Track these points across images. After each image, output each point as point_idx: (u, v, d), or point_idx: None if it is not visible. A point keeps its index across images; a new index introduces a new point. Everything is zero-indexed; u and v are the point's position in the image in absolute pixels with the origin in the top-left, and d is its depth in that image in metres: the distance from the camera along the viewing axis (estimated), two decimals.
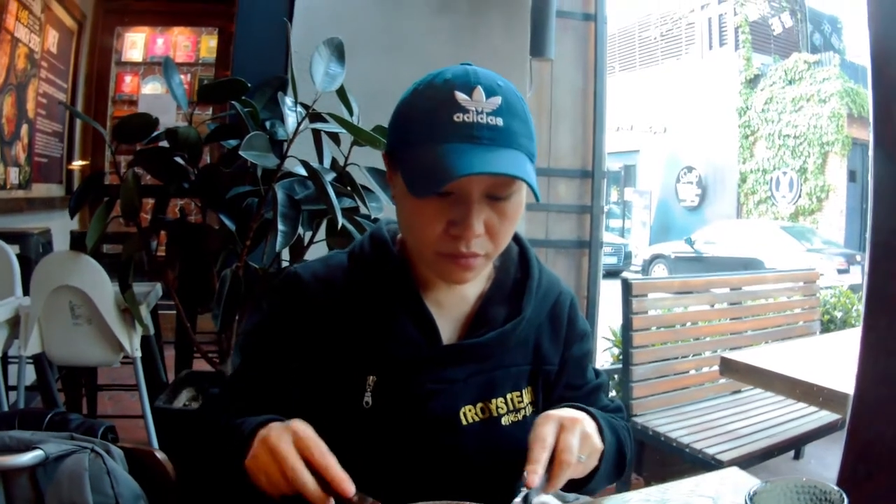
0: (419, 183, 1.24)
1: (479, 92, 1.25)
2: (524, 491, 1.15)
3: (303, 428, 1.19)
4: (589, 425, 1.30)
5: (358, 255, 1.49)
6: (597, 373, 1.67)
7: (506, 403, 1.46)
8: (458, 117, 1.23)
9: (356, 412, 1.37)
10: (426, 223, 1.29)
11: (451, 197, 1.27)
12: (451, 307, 1.49)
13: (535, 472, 1.17)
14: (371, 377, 1.39)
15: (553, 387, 1.55)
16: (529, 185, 1.23)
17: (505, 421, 1.45)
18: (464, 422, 1.41)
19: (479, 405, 1.44)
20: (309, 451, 1.15)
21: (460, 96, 1.24)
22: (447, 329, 1.46)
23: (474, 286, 1.51)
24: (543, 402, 1.52)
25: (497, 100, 1.26)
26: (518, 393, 1.49)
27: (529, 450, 1.21)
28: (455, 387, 1.42)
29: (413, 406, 1.38)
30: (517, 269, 1.55)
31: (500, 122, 1.24)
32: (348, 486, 1.13)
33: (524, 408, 1.48)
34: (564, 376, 1.56)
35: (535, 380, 1.52)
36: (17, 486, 1.35)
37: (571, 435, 1.23)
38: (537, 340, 1.53)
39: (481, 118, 1.23)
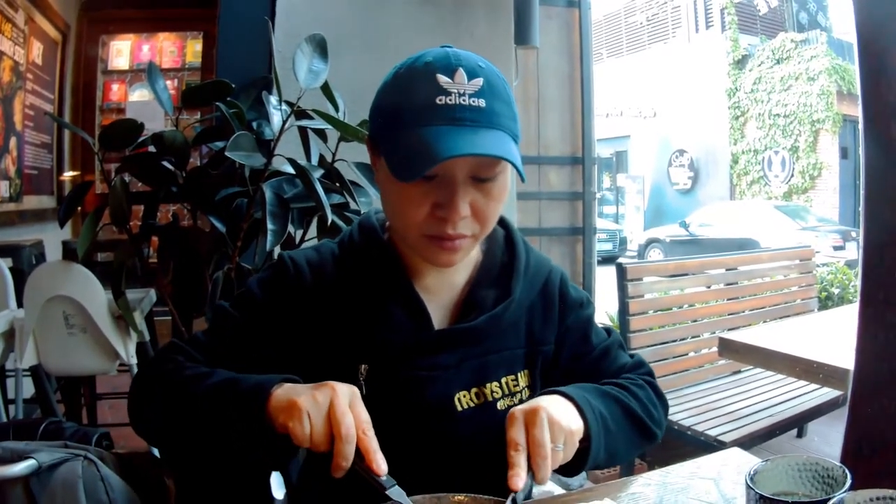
0: (403, 167, 1.24)
1: (461, 74, 1.24)
2: (511, 495, 1.16)
3: (359, 395, 1.20)
4: (556, 408, 1.27)
5: (347, 243, 1.49)
6: (608, 331, 1.66)
7: (500, 388, 1.46)
8: (441, 100, 1.23)
9: None
10: (411, 206, 1.29)
11: (435, 179, 1.27)
12: (441, 293, 1.49)
13: (517, 476, 1.17)
14: (363, 366, 1.39)
15: (554, 365, 1.55)
16: (514, 165, 1.23)
17: (500, 405, 1.44)
18: (458, 407, 1.41)
19: (474, 390, 1.44)
20: (361, 421, 1.16)
21: (442, 79, 1.24)
22: (437, 315, 1.46)
23: (462, 271, 1.51)
24: (549, 383, 1.49)
25: (479, 81, 1.25)
26: (513, 376, 1.49)
27: (507, 455, 1.20)
28: (448, 373, 1.42)
29: (407, 393, 1.39)
30: (504, 252, 1.55)
31: (482, 103, 1.24)
32: (383, 465, 1.15)
33: (520, 391, 1.48)
34: (566, 349, 1.56)
35: (531, 363, 1.52)
36: (12, 496, 1.34)
37: (538, 429, 1.21)
38: (529, 322, 1.53)
39: (463, 100, 1.23)
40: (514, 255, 1.54)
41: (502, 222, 1.58)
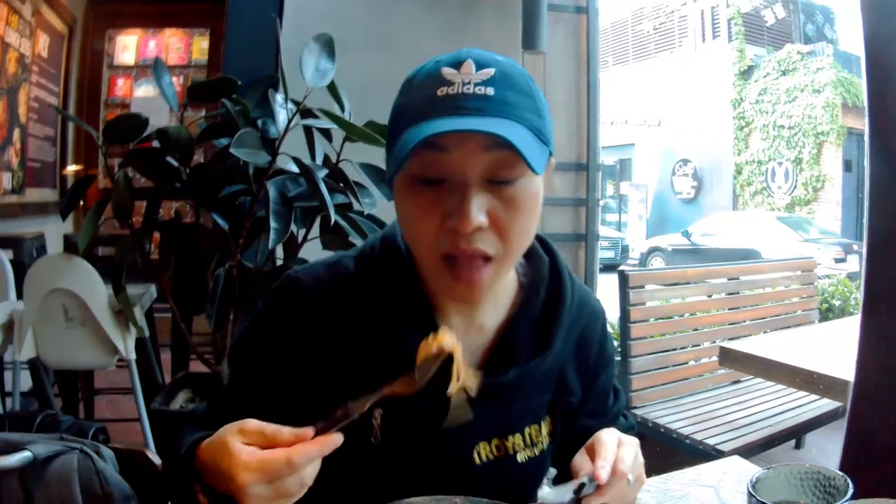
0: (393, 163, 1.10)
1: (469, 64, 1.10)
2: (586, 480, 1.11)
3: (238, 429, 1.01)
4: (640, 454, 1.23)
5: (368, 261, 1.31)
6: (616, 393, 1.55)
7: (523, 439, 1.33)
8: (442, 91, 1.09)
9: (363, 447, 1.23)
10: (420, 217, 1.13)
11: (445, 185, 1.10)
12: (469, 334, 1.30)
13: (604, 469, 1.11)
14: (377, 410, 1.23)
15: (575, 416, 1.43)
16: (514, 147, 1.03)
17: (521, 458, 1.32)
18: (477, 461, 1.29)
19: (495, 442, 1.31)
20: (258, 437, 1.00)
21: (447, 71, 1.11)
22: (464, 358, 1.25)
23: (496, 311, 1.33)
24: (563, 434, 1.41)
25: (490, 71, 1.10)
26: (537, 426, 1.35)
27: (596, 450, 1.16)
28: (469, 425, 1.28)
29: (423, 445, 1.26)
30: (548, 288, 1.36)
31: (490, 91, 1.09)
32: (306, 432, 0.99)
33: (542, 440, 1.36)
34: (588, 405, 1.44)
35: (554, 410, 1.38)
36: (6, 487, 1.33)
37: (628, 451, 1.17)
38: (562, 368, 1.38)
39: (467, 88, 1.09)
40: (560, 295, 1.35)
41: (547, 248, 1.41)
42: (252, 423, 1.01)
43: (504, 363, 1.28)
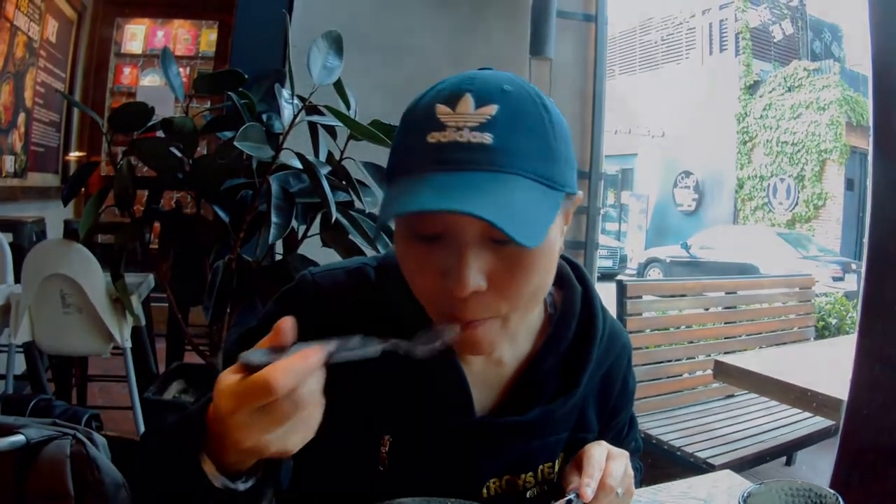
0: (380, 217, 0.99)
1: (467, 101, 0.96)
2: (573, 497, 1.08)
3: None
4: (630, 466, 1.19)
5: (388, 270, 1.18)
6: (631, 423, 1.49)
7: (535, 477, 1.25)
8: (433, 137, 0.95)
9: (369, 474, 1.17)
10: (417, 272, 1.03)
11: (441, 240, 0.99)
12: (489, 366, 1.23)
13: (589, 486, 1.08)
14: (387, 437, 1.16)
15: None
16: (493, 224, 0.88)
17: (529, 494, 1.25)
18: (485, 494, 1.21)
19: (506, 478, 1.23)
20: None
21: (441, 109, 0.97)
22: (482, 394, 1.21)
23: (520, 346, 1.24)
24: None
25: (490, 109, 0.95)
26: (551, 464, 1.27)
27: (583, 466, 1.13)
28: (482, 462, 1.21)
29: (432, 477, 1.17)
30: (578, 322, 1.26)
31: (487, 139, 0.94)
32: (283, 335, 0.88)
33: (553, 476, 1.27)
34: (604, 438, 1.30)
35: (571, 448, 1.26)
36: None
37: (617, 465, 1.14)
38: (583, 408, 1.30)
39: (460, 136, 0.94)
40: (591, 330, 1.26)
41: (581, 276, 1.31)
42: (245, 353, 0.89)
43: (527, 401, 1.21)
